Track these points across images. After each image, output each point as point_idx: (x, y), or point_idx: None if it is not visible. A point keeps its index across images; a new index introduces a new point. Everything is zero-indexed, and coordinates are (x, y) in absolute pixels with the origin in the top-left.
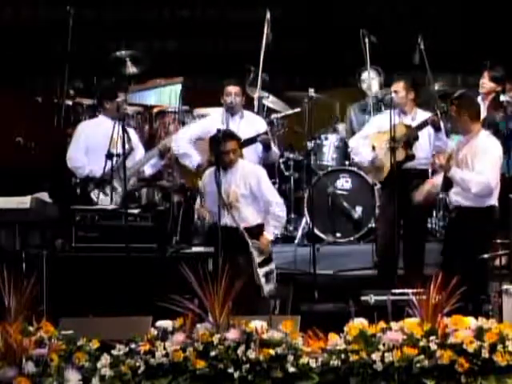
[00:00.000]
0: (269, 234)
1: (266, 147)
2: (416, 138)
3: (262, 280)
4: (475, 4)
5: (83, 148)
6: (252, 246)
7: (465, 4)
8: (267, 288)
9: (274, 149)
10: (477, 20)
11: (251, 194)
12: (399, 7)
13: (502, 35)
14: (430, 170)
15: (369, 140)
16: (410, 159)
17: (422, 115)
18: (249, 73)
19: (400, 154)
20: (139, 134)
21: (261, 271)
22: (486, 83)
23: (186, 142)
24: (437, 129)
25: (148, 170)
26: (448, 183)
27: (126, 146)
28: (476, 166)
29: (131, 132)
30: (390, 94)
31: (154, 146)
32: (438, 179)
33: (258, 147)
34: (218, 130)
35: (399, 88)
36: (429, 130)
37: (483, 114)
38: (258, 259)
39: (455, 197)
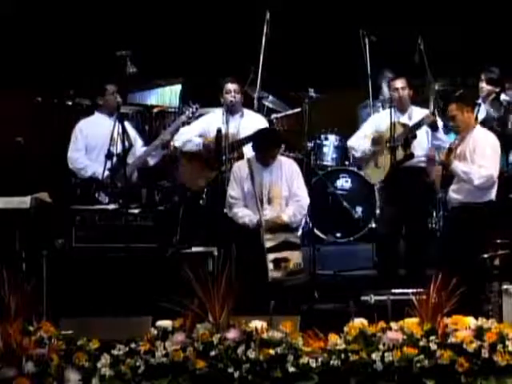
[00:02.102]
0: (285, 216)
1: None
2: (414, 137)
3: (270, 265)
4: (475, 4)
5: (82, 148)
6: (265, 226)
7: (465, 4)
8: (273, 274)
9: None
10: (477, 20)
11: (290, 191)
12: (399, 7)
13: (501, 35)
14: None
15: (367, 140)
16: (410, 158)
17: (419, 113)
18: (249, 72)
19: (399, 154)
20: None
21: (270, 256)
22: (484, 86)
23: (187, 137)
24: (434, 129)
25: (151, 161)
26: (447, 180)
27: (126, 143)
28: (477, 160)
29: (128, 126)
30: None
31: None
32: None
33: None
34: (219, 130)
35: (404, 84)
36: (426, 128)
37: (483, 114)
38: (268, 243)
39: (454, 194)
